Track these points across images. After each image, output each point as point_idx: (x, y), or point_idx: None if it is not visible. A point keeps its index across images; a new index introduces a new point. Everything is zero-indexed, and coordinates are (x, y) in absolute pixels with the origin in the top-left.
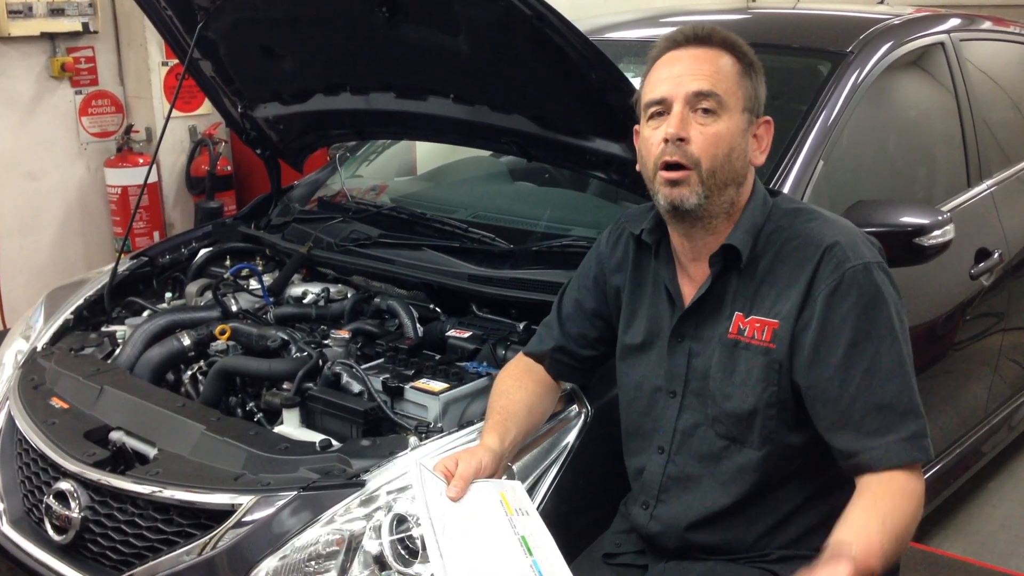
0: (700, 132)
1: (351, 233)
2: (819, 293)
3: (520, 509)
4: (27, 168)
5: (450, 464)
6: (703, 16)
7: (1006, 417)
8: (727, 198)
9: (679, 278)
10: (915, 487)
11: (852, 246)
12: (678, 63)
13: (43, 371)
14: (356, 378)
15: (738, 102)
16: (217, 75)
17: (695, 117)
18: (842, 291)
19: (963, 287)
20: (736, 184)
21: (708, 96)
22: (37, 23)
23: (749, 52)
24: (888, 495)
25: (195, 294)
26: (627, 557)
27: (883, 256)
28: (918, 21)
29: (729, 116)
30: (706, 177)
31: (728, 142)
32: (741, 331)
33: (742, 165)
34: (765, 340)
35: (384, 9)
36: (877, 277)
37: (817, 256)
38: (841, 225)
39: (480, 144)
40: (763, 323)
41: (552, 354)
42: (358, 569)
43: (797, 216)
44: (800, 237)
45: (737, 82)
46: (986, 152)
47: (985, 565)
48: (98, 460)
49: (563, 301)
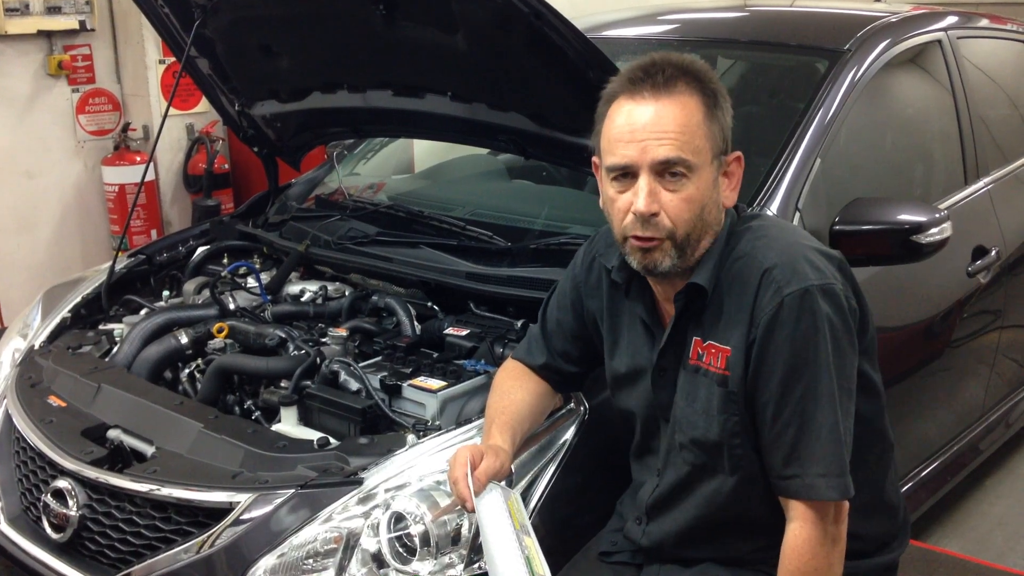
0: (671, 199)
1: (349, 231)
2: (760, 320)
3: (523, 525)
4: (24, 166)
5: (476, 456)
6: (701, 14)
7: (1003, 414)
8: (702, 248)
9: (658, 308)
10: (823, 529)
11: (792, 268)
12: (640, 119)
13: (41, 369)
14: (354, 376)
15: (707, 154)
16: (214, 73)
17: (663, 182)
18: (780, 319)
19: (960, 285)
20: (710, 234)
21: (679, 163)
22: (34, 21)
23: (713, 81)
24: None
25: (193, 292)
26: (623, 556)
27: (841, 271)
28: (915, 19)
29: (699, 175)
30: (680, 241)
31: (700, 202)
32: (700, 356)
33: (715, 216)
34: (720, 367)
35: (381, 7)
36: (817, 301)
37: (757, 280)
38: (786, 243)
39: (478, 142)
40: (718, 349)
41: (541, 371)
42: (356, 567)
43: (747, 233)
44: (744, 258)
45: (705, 132)
46: (983, 150)
47: (982, 562)
48: (96, 458)
49: (547, 317)
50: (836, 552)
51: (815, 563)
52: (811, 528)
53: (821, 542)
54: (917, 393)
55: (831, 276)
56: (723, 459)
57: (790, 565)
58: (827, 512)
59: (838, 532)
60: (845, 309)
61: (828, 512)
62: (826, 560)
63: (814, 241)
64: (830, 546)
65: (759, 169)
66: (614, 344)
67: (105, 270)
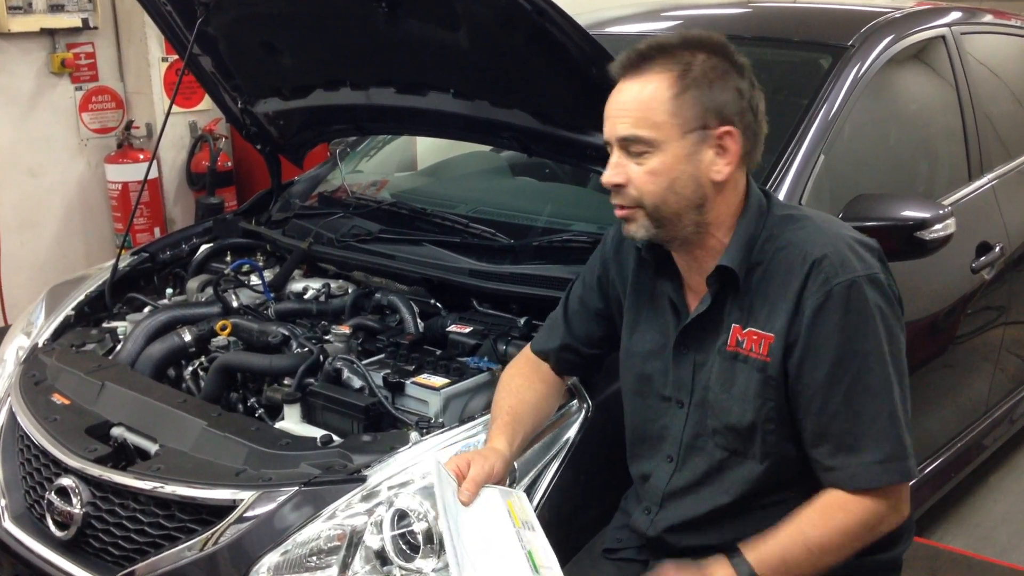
0: (637, 172)
1: (352, 229)
2: (806, 309)
3: (526, 522)
4: (28, 164)
5: (462, 465)
6: (703, 11)
7: (1007, 411)
8: (687, 223)
9: (684, 288)
10: (876, 508)
11: (840, 259)
12: (615, 97)
13: (44, 367)
14: (357, 374)
15: (675, 129)
16: (217, 71)
17: (632, 157)
18: (828, 308)
19: (964, 281)
20: (694, 208)
21: (635, 140)
22: (37, 19)
23: (694, 61)
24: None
25: (196, 290)
26: (628, 552)
27: (881, 261)
28: (919, 14)
29: (664, 149)
30: (651, 212)
31: (667, 175)
32: (739, 343)
33: (693, 190)
34: (762, 354)
35: (384, 4)
36: (866, 292)
37: (805, 270)
38: (832, 233)
39: (480, 139)
40: (760, 336)
41: (559, 352)
42: (359, 564)
43: (788, 223)
44: (789, 247)
45: (668, 109)
46: (987, 146)
47: (986, 559)
48: (100, 456)
49: (570, 299)
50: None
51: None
52: (883, 502)
53: (881, 515)
54: (921, 390)
55: (875, 266)
56: (755, 445)
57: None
58: (881, 496)
59: (897, 514)
60: (891, 297)
61: (882, 496)
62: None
63: (854, 231)
64: (870, 527)
65: (763, 165)
66: (635, 322)
67: (108, 268)
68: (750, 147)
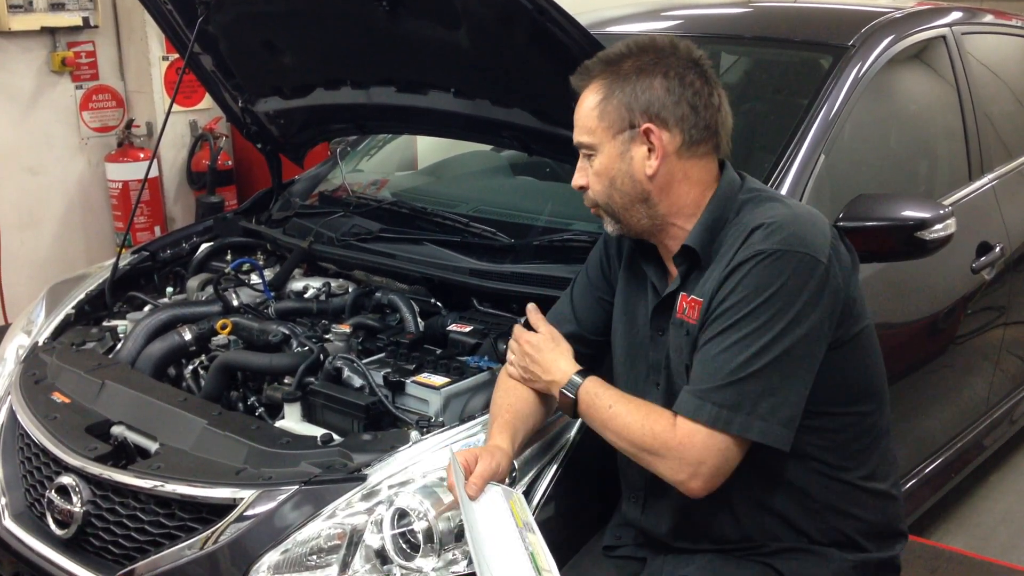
0: (589, 175)
1: (352, 228)
2: (730, 267)
3: (527, 524)
4: (28, 163)
5: (470, 459)
6: (705, 10)
7: (1007, 411)
8: (639, 215)
9: (666, 274)
10: (673, 434)
11: (777, 229)
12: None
13: (44, 366)
14: (357, 372)
15: (605, 133)
16: (218, 69)
17: (587, 163)
18: (742, 267)
19: (964, 281)
20: (640, 202)
21: (580, 146)
22: (37, 17)
23: (621, 66)
24: (649, 414)
25: (196, 289)
26: (627, 549)
27: (833, 252)
28: (920, 15)
29: (601, 152)
30: (606, 209)
31: (607, 175)
32: (684, 310)
33: (631, 185)
34: (693, 318)
35: (384, 3)
36: (785, 266)
37: (743, 237)
38: (784, 210)
39: (481, 138)
40: (695, 302)
41: (569, 344)
42: (359, 563)
43: (751, 202)
44: (741, 222)
45: (599, 113)
46: (988, 146)
47: (986, 559)
48: (100, 454)
49: (574, 291)
50: (650, 451)
51: (645, 438)
52: (657, 423)
53: (672, 444)
54: (921, 390)
55: (819, 252)
56: None
57: (634, 406)
58: (690, 433)
59: (686, 462)
60: (817, 286)
61: (690, 434)
62: (635, 436)
63: (824, 222)
64: (654, 445)
65: (763, 165)
66: (624, 305)
67: (109, 267)
68: (692, 139)
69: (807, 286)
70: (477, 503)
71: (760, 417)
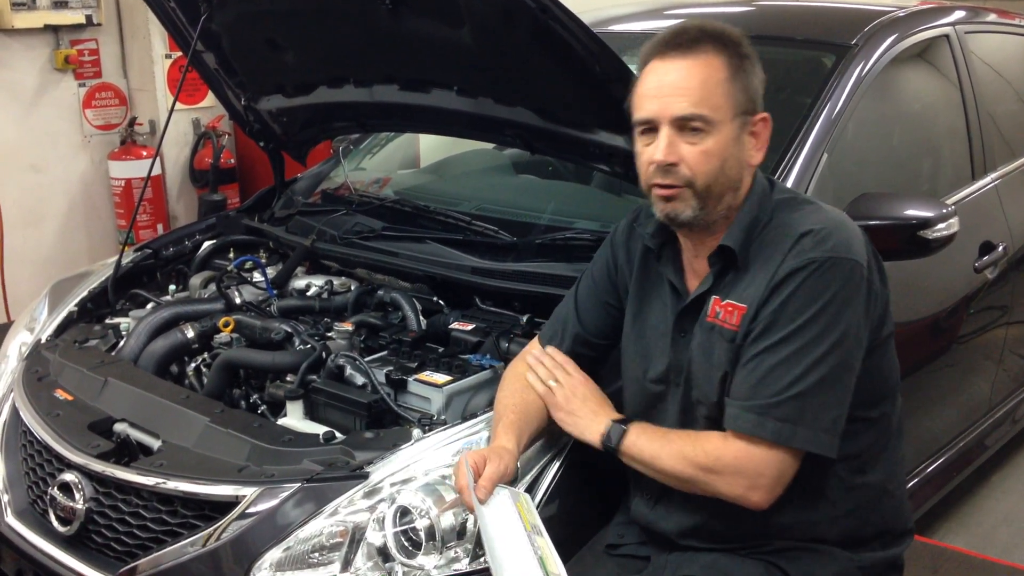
0: (690, 151)
1: (354, 226)
2: (778, 275)
3: (535, 526)
4: (31, 161)
5: (479, 461)
6: (707, 8)
7: (1009, 411)
8: (724, 205)
9: (686, 274)
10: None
11: (826, 235)
12: (664, 76)
13: (47, 363)
14: (359, 370)
15: (728, 112)
16: (220, 67)
17: (683, 136)
18: (794, 275)
19: (967, 280)
20: (733, 190)
21: (695, 119)
22: (40, 15)
23: (742, 44)
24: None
25: (199, 287)
26: (629, 548)
27: (870, 255)
28: (923, 13)
29: (719, 130)
30: (701, 191)
31: (719, 156)
32: (717, 314)
33: (737, 171)
34: (733, 324)
35: (387, 1)
36: (837, 273)
37: (791, 243)
38: (826, 216)
39: (484, 137)
40: (734, 307)
41: (571, 346)
42: (361, 561)
43: (787, 206)
44: (783, 226)
45: (726, 91)
46: (991, 145)
47: (988, 558)
48: (102, 452)
49: (578, 293)
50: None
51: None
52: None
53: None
54: (923, 389)
55: (862, 259)
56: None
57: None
58: (750, 453)
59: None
60: (863, 293)
61: (751, 454)
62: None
63: (859, 228)
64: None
65: (766, 164)
66: (638, 308)
67: (111, 264)
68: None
69: (857, 293)
70: (487, 506)
71: (820, 429)
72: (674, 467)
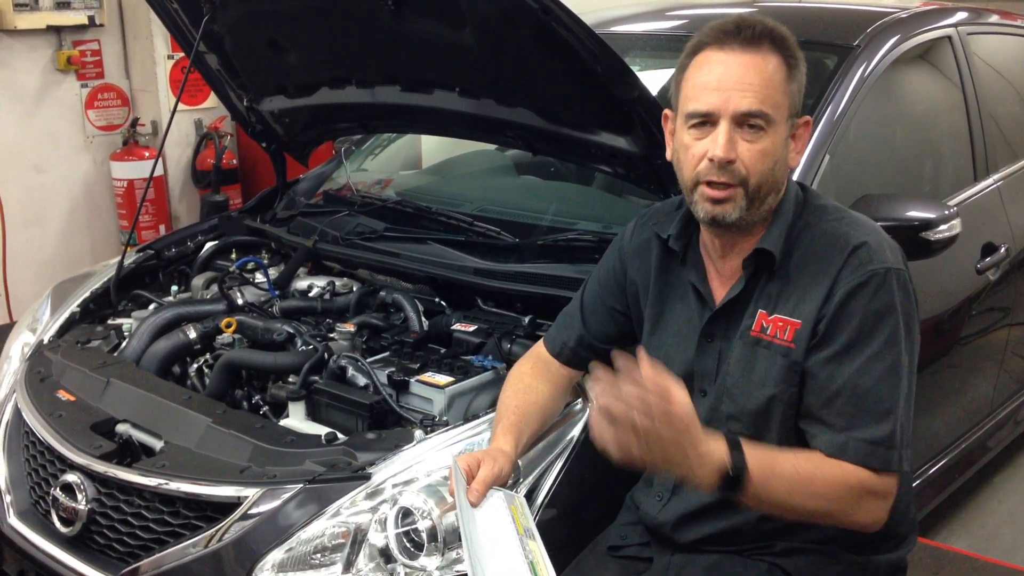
0: (747, 149)
1: (356, 227)
2: (838, 291)
3: (528, 530)
4: (33, 161)
5: (472, 464)
6: (709, 10)
7: (1012, 412)
8: (766, 206)
9: (709, 277)
10: (860, 484)
11: (878, 249)
12: (726, 70)
13: (50, 364)
14: (362, 371)
15: (783, 112)
16: (223, 68)
17: (741, 133)
18: (859, 292)
19: (969, 282)
20: (775, 192)
21: (758, 116)
22: (43, 16)
23: (794, 47)
24: (818, 466)
25: (201, 287)
26: (632, 550)
27: (904, 262)
28: (925, 15)
29: (775, 130)
30: (752, 192)
31: (773, 156)
32: (764, 329)
33: (782, 173)
34: (786, 340)
35: (389, 2)
36: (895, 285)
37: (844, 256)
38: (869, 226)
39: (485, 138)
40: (786, 322)
41: (575, 348)
42: (363, 562)
43: (825, 213)
44: (828, 236)
45: (784, 91)
46: (993, 146)
47: (990, 560)
48: (104, 452)
49: (585, 296)
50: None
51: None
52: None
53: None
54: (926, 391)
55: (903, 266)
56: (772, 431)
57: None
58: (863, 479)
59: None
60: (913, 299)
61: (865, 480)
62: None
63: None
64: (851, 500)
65: None
66: (659, 314)
67: (114, 265)
68: None
69: (912, 300)
70: (479, 510)
71: (909, 445)
72: (808, 503)
